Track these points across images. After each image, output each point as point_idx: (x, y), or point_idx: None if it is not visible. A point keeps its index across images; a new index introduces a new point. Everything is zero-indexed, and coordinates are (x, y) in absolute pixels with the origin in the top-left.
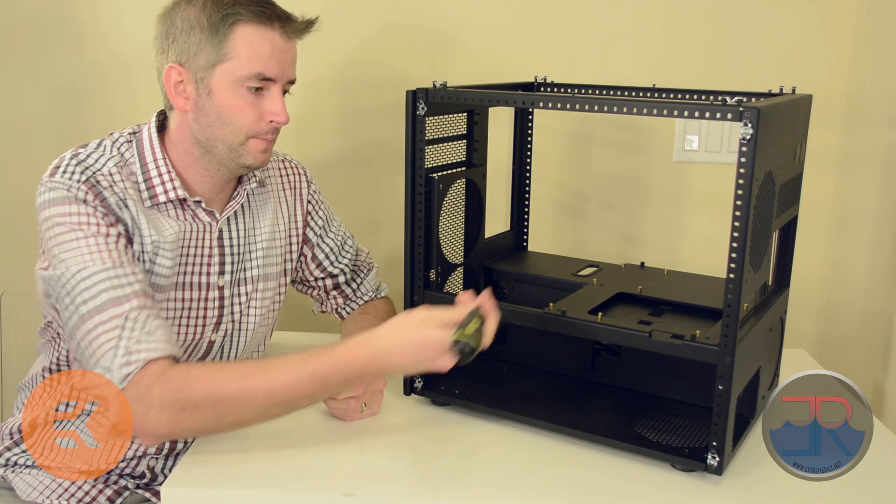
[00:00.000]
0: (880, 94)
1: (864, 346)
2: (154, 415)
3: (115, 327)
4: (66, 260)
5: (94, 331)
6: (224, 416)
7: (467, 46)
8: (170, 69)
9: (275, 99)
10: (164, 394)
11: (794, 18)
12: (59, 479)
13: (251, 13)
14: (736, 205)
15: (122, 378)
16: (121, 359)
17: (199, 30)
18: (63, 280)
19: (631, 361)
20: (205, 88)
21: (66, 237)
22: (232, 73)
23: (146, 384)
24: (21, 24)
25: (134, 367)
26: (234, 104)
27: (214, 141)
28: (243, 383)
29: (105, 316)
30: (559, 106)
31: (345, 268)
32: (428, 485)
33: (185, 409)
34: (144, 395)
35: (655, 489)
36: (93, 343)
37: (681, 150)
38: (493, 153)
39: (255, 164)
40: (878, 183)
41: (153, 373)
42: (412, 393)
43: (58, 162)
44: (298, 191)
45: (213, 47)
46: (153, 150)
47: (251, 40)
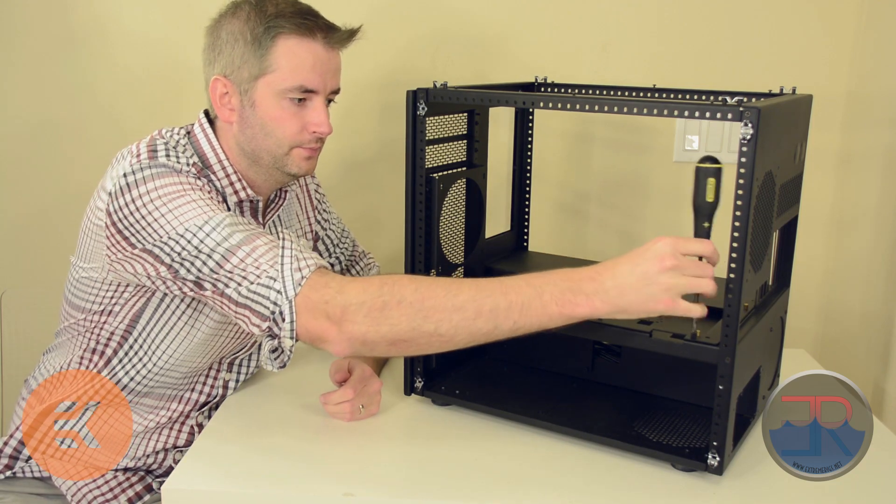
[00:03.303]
0: (880, 94)
1: (864, 346)
2: (351, 314)
3: (271, 247)
4: (185, 216)
5: (249, 256)
6: (425, 319)
7: (468, 46)
8: (215, 81)
9: (318, 110)
10: (366, 290)
11: (794, 18)
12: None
13: (294, 25)
14: (736, 205)
15: (297, 282)
16: (290, 265)
17: (243, 42)
18: (188, 237)
19: (631, 361)
20: (249, 100)
21: (179, 201)
22: (275, 86)
23: (339, 283)
24: (22, 28)
25: (306, 270)
26: (277, 115)
27: (259, 151)
28: (451, 289)
29: (254, 245)
30: (559, 106)
31: (341, 256)
32: (428, 485)
33: (387, 306)
34: (339, 293)
35: (655, 489)
36: (248, 265)
37: (681, 150)
38: (494, 153)
39: (300, 172)
40: (878, 183)
41: (332, 277)
42: (412, 393)
43: (150, 147)
44: (306, 187)
45: (257, 60)
46: (214, 150)
47: (293, 53)
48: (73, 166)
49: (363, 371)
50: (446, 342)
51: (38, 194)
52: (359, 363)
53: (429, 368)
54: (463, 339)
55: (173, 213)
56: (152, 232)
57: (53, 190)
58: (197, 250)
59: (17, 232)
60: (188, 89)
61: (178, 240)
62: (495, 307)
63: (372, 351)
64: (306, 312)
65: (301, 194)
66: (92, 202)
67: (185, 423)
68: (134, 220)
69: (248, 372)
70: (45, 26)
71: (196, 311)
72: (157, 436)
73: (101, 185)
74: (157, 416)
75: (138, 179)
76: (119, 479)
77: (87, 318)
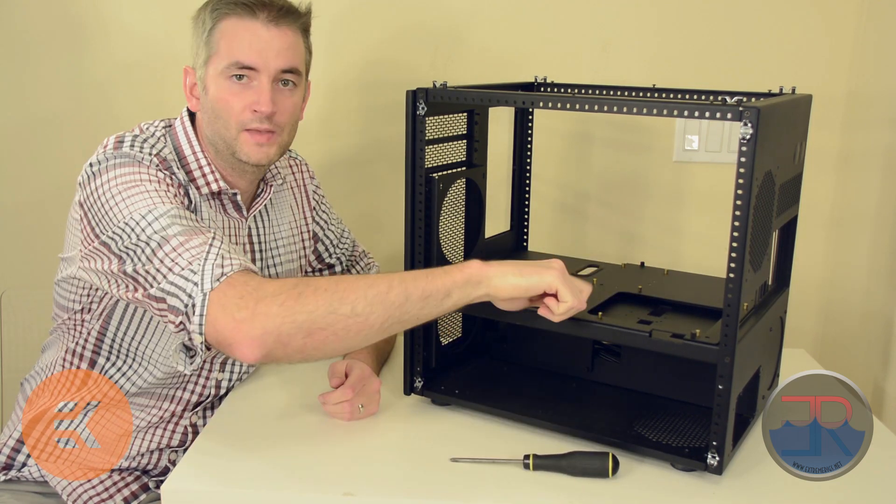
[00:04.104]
0: (880, 94)
1: (864, 346)
2: (265, 307)
3: (202, 244)
4: (134, 205)
5: (178, 248)
6: (341, 301)
7: (467, 46)
8: (185, 72)
9: (258, 88)
10: (281, 285)
11: (794, 18)
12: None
13: (234, 6)
14: (736, 205)
15: (216, 277)
16: (214, 261)
17: (199, 31)
18: (131, 226)
19: (631, 361)
20: (203, 87)
21: (133, 190)
22: (217, 66)
23: (257, 282)
24: (21, 24)
25: (228, 268)
26: (222, 96)
27: (215, 137)
28: (364, 276)
29: (187, 238)
30: (559, 106)
31: (341, 256)
32: (428, 484)
33: (303, 295)
34: (256, 290)
35: (655, 489)
36: (178, 256)
37: (681, 150)
38: (493, 153)
39: (250, 160)
40: (878, 183)
41: (253, 277)
42: (412, 393)
43: (118, 138)
44: (304, 186)
45: (205, 44)
46: (190, 142)
47: (232, 32)
48: (73, 165)
49: (362, 370)
50: (363, 323)
51: (39, 194)
52: (357, 363)
53: (429, 368)
54: (378, 317)
55: (126, 201)
56: (108, 221)
57: (53, 189)
58: (138, 238)
59: (17, 232)
60: None
61: (125, 227)
62: (403, 279)
63: (286, 348)
64: (218, 308)
65: (298, 192)
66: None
67: (178, 424)
68: (97, 208)
69: (240, 371)
70: (44, 22)
71: None
72: (151, 435)
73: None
74: (149, 414)
75: (102, 169)
76: (114, 478)
77: (70, 317)
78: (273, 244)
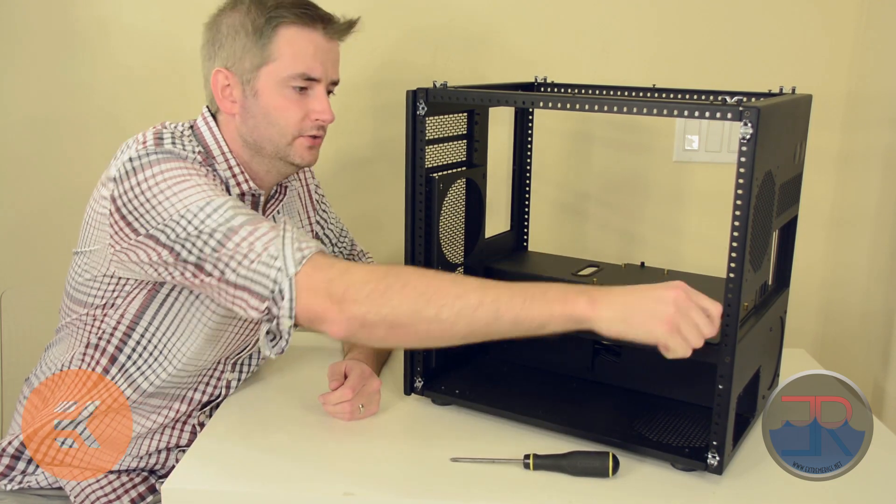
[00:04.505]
0: (880, 94)
1: (864, 346)
2: (354, 293)
3: (272, 230)
4: (189, 198)
5: (250, 237)
6: (427, 303)
7: (468, 46)
8: (216, 73)
9: (319, 98)
10: (371, 272)
11: (794, 18)
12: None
13: (294, 15)
14: (736, 205)
15: (298, 261)
16: (291, 245)
17: (245, 34)
18: (188, 217)
19: (631, 361)
20: (251, 90)
21: (184, 184)
22: (277, 74)
23: (343, 265)
24: (22, 26)
25: (308, 251)
26: (280, 104)
27: (262, 141)
28: (456, 279)
29: (255, 226)
30: (559, 106)
31: (339, 255)
32: (428, 484)
33: (391, 288)
34: (344, 274)
35: (655, 489)
36: (249, 246)
37: (681, 150)
38: (494, 153)
39: (303, 162)
40: (878, 183)
41: (335, 259)
42: (412, 392)
43: (156, 134)
44: (307, 186)
45: (258, 49)
46: (218, 142)
47: (295, 41)
48: (73, 165)
49: (362, 371)
50: (445, 330)
51: (39, 193)
52: (357, 363)
53: (429, 368)
54: (462, 328)
55: (178, 195)
56: (155, 215)
57: (54, 189)
58: (198, 230)
59: (18, 231)
60: (188, 87)
61: (180, 220)
62: (497, 297)
63: (370, 334)
64: (307, 290)
65: (302, 192)
66: (95, 192)
67: (186, 423)
68: (138, 203)
69: (248, 371)
70: (45, 25)
71: (200, 303)
72: (160, 435)
73: (105, 175)
74: (160, 415)
75: (144, 164)
76: (122, 479)
77: (89, 312)
78: None
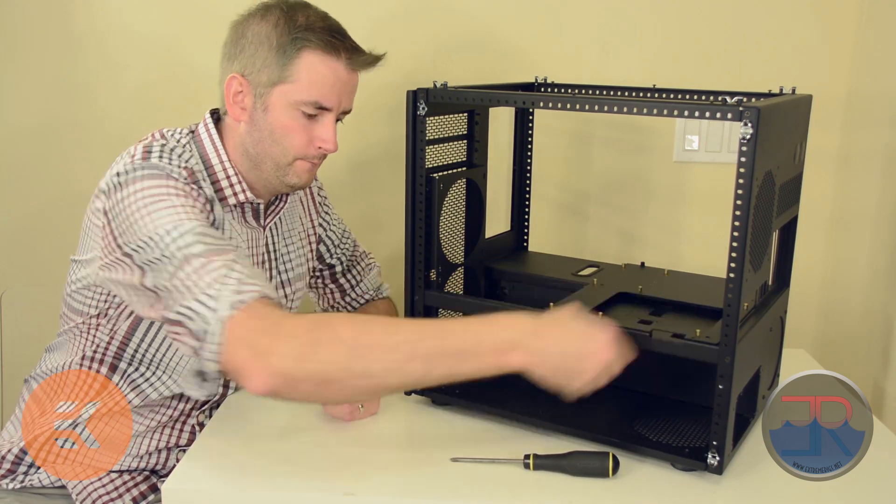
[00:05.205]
0: (880, 94)
1: (864, 346)
2: (281, 346)
3: (222, 266)
4: (160, 219)
5: (198, 270)
6: (358, 358)
7: (468, 47)
8: (231, 79)
9: (327, 126)
10: (300, 325)
11: (794, 18)
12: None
13: (321, 41)
14: (736, 205)
15: (233, 304)
16: (232, 287)
17: (268, 47)
18: (155, 240)
19: (631, 361)
20: (262, 104)
21: (159, 205)
22: (290, 96)
23: (276, 316)
24: (22, 29)
25: (248, 295)
26: (288, 125)
27: (263, 156)
28: (388, 328)
29: (209, 259)
30: (559, 106)
31: (342, 256)
32: (428, 484)
33: (320, 342)
34: (274, 326)
35: (655, 489)
36: (198, 279)
37: (681, 150)
38: (494, 153)
39: (299, 184)
40: (878, 183)
41: (273, 308)
42: (412, 393)
43: (146, 148)
44: (309, 189)
45: (278, 67)
46: (217, 151)
47: (316, 68)
48: (72, 166)
49: None
50: (375, 385)
51: (39, 194)
52: None
53: None
54: (393, 382)
55: (152, 215)
56: (133, 233)
57: (54, 190)
58: (161, 253)
59: (17, 232)
60: (188, 90)
61: (148, 241)
62: (430, 352)
63: (293, 391)
64: (234, 338)
65: (304, 196)
66: (91, 203)
67: (185, 423)
68: (122, 218)
69: None
70: (44, 28)
71: None
72: (160, 434)
73: (98, 186)
74: (160, 414)
75: (129, 179)
76: (124, 478)
77: (84, 321)
78: (285, 251)
